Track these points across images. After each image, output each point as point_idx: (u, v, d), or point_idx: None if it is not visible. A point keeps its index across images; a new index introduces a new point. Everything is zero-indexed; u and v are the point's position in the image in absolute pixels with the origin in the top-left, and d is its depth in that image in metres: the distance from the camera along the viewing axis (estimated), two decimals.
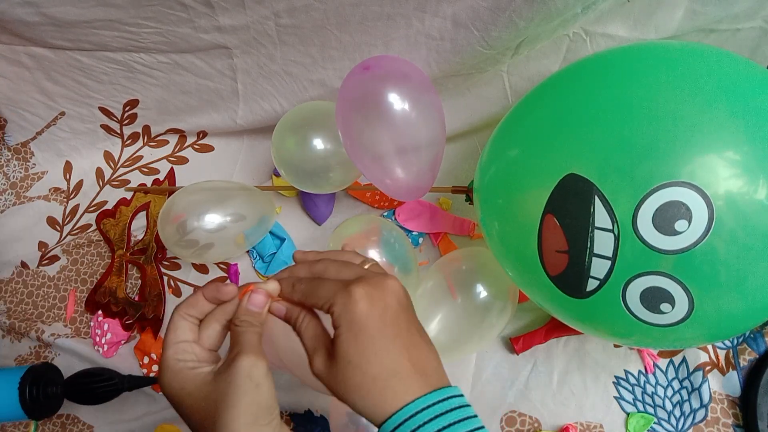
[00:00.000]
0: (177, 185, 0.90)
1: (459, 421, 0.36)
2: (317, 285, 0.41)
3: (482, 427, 0.36)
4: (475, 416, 0.37)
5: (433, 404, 0.36)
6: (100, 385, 0.75)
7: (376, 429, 0.38)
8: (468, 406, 0.37)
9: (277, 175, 0.87)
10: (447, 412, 0.36)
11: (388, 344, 0.38)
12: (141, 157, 0.93)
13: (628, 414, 0.73)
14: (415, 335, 0.41)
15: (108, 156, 0.93)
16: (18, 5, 0.69)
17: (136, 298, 0.85)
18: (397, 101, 0.60)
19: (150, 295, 0.85)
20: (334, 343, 0.39)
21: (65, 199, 0.92)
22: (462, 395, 0.38)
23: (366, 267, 0.44)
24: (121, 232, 0.88)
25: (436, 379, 0.39)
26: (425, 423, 0.35)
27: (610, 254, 0.48)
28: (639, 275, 0.47)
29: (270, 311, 0.43)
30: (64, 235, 0.91)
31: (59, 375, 0.79)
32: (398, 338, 0.39)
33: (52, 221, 0.91)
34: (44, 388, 0.75)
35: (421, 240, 0.83)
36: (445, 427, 0.35)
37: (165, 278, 0.86)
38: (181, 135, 0.92)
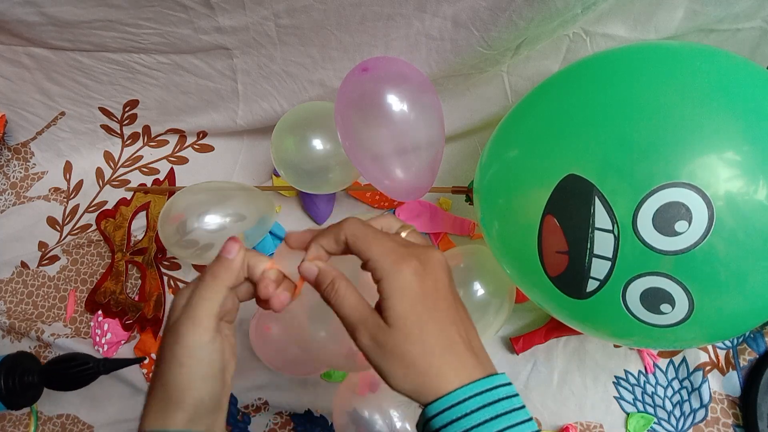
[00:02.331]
0: (177, 185, 0.90)
1: (506, 412, 0.34)
2: (374, 235, 0.38)
3: (530, 419, 0.35)
4: (523, 407, 0.36)
5: (484, 391, 0.35)
6: (75, 370, 0.73)
7: (378, 424, 0.37)
8: (516, 395, 0.36)
9: (277, 175, 0.87)
10: (496, 401, 0.35)
11: (444, 317, 0.37)
12: (141, 157, 0.93)
13: (628, 414, 0.73)
14: (462, 311, 0.39)
15: (108, 156, 0.93)
16: (18, 5, 0.69)
17: (136, 298, 0.85)
18: (396, 102, 0.60)
19: (150, 295, 0.85)
20: (385, 315, 0.36)
21: (65, 199, 0.92)
22: (511, 383, 0.37)
23: (404, 235, 0.42)
24: (121, 232, 0.88)
25: (486, 360, 0.37)
26: (473, 411, 0.34)
27: (610, 255, 0.48)
28: (639, 276, 0.48)
29: (300, 270, 0.39)
30: (64, 235, 0.91)
31: (35, 363, 0.77)
32: (450, 311, 0.37)
33: (52, 221, 0.91)
34: (20, 377, 0.73)
35: None
36: (493, 418, 0.34)
37: (165, 278, 0.86)
38: (181, 135, 0.92)
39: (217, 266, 0.39)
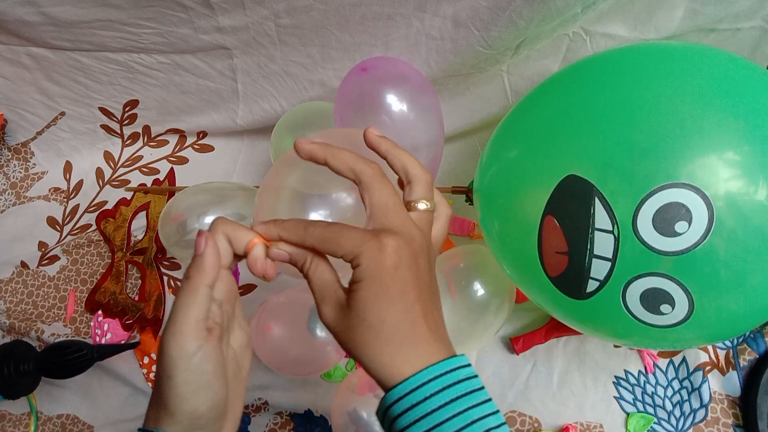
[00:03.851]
0: (177, 185, 0.90)
1: (466, 393, 0.34)
2: (339, 231, 0.36)
3: (489, 400, 0.35)
4: (482, 388, 0.35)
5: (442, 374, 0.34)
6: (71, 357, 0.73)
7: (378, 424, 0.37)
8: (476, 377, 0.35)
9: None
10: (455, 383, 0.34)
11: (408, 308, 0.35)
12: (141, 157, 0.93)
13: (628, 414, 0.73)
14: (435, 297, 0.38)
15: (108, 156, 0.93)
16: (18, 5, 0.69)
17: (136, 298, 0.85)
18: (395, 102, 0.60)
19: (150, 295, 0.85)
20: (350, 296, 0.36)
21: (65, 199, 0.92)
22: (470, 365, 0.36)
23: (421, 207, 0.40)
24: (121, 232, 0.88)
25: (446, 346, 0.37)
26: (433, 395, 0.33)
27: (610, 255, 0.48)
28: (639, 276, 0.47)
29: (270, 256, 0.38)
30: (64, 235, 0.91)
31: (31, 350, 0.77)
32: (419, 302, 0.36)
33: (52, 221, 0.91)
34: (16, 365, 0.73)
35: None
36: (452, 400, 0.33)
37: (165, 278, 0.86)
38: (181, 135, 0.92)
39: (190, 268, 0.37)
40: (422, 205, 0.40)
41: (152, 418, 0.36)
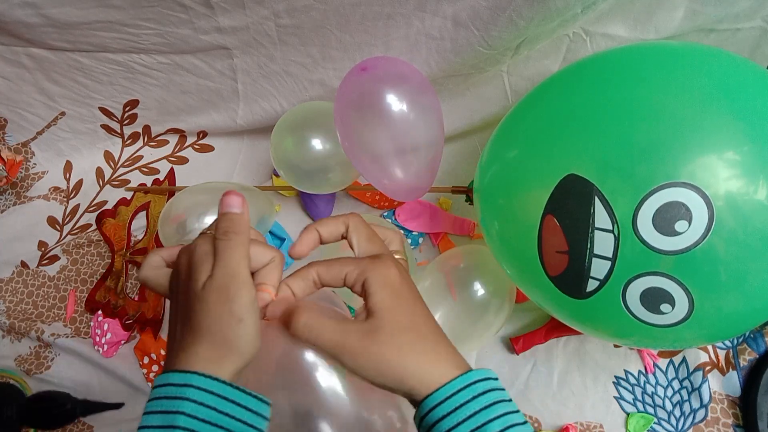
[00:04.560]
0: (177, 185, 0.90)
1: (503, 400, 0.35)
2: (342, 265, 0.39)
3: (517, 411, 0.36)
4: (511, 400, 0.36)
5: (482, 380, 0.35)
6: (55, 412, 0.75)
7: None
8: (503, 389, 0.37)
9: (277, 175, 0.87)
10: (493, 390, 0.35)
11: (427, 313, 0.39)
12: (141, 157, 0.93)
13: (628, 414, 0.73)
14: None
15: (108, 156, 0.93)
16: (18, 6, 0.69)
17: (136, 298, 0.85)
18: (395, 102, 0.60)
19: (150, 295, 0.85)
20: (371, 316, 0.37)
21: (65, 199, 0.92)
22: (497, 378, 0.37)
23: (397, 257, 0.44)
24: (121, 233, 0.88)
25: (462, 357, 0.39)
26: (477, 396, 0.35)
27: (610, 255, 0.48)
28: (639, 276, 0.47)
29: (266, 314, 0.39)
30: (64, 234, 0.91)
31: (18, 396, 0.77)
32: (426, 311, 0.39)
33: (52, 221, 0.91)
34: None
35: (421, 240, 0.83)
36: (494, 403, 0.34)
37: None
38: (181, 135, 0.92)
39: (233, 223, 0.39)
40: (398, 256, 0.44)
41: (203, 365, 0.36)
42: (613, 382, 0.74)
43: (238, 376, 0.37)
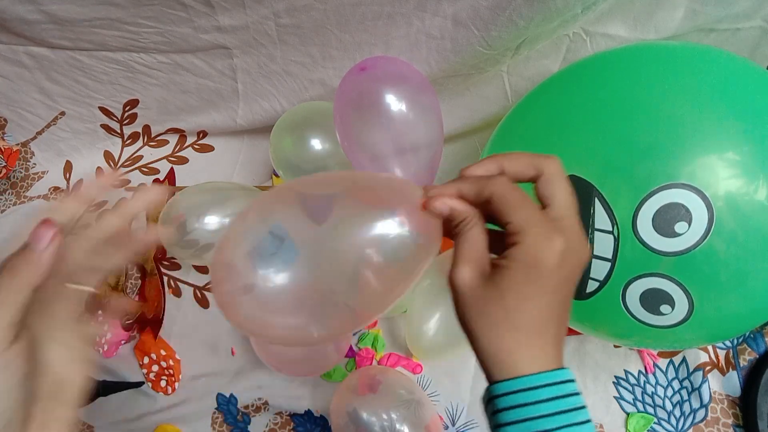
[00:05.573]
0: (177, 185, 0.90)
1: (573, 409, 0.33)
2: (521, 200, 0.35)
3: (589, 421, 0.34)
4: (584, 407, 0.35)
5: (557, 383, 0.34)
6: None
7: (378, 424, 0.36)
8: (579, 394, 0.35)
9: (278, 175, 0.87)
10: (566, 396, 0.34)
11: (551, 306, 0.35)
12: (141, 156, 0.93)
13: (628, 414, 0.73)
14: (568, 307, 0.38)
15: (108, 156, 0.93)
16: (18, 3, 0.69)
17: (136, 298, 0.85)
18: (394, 102, 0.60)
19: (150, 295, 0.85)
20: (497, 270, 0.35)
21: None
22: (575, 381, 0.35)
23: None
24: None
25: (561, 356, 0.36)
26: (543, 401, 0.33)
27: (609, 256, 0.48)
28: (639, 277, 0.47)
29: (432, 209, 0.37)
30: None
31: None
32: (560, 307, 0.36)
33: None
34: None
35: None
36: (561, 412, 0.33)
37: (165, 278, 0.86)
38: (182, 135, 0.92)
39: (19, 260, 0.32)
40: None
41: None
42: (613, 382, 0.74)
43: None
